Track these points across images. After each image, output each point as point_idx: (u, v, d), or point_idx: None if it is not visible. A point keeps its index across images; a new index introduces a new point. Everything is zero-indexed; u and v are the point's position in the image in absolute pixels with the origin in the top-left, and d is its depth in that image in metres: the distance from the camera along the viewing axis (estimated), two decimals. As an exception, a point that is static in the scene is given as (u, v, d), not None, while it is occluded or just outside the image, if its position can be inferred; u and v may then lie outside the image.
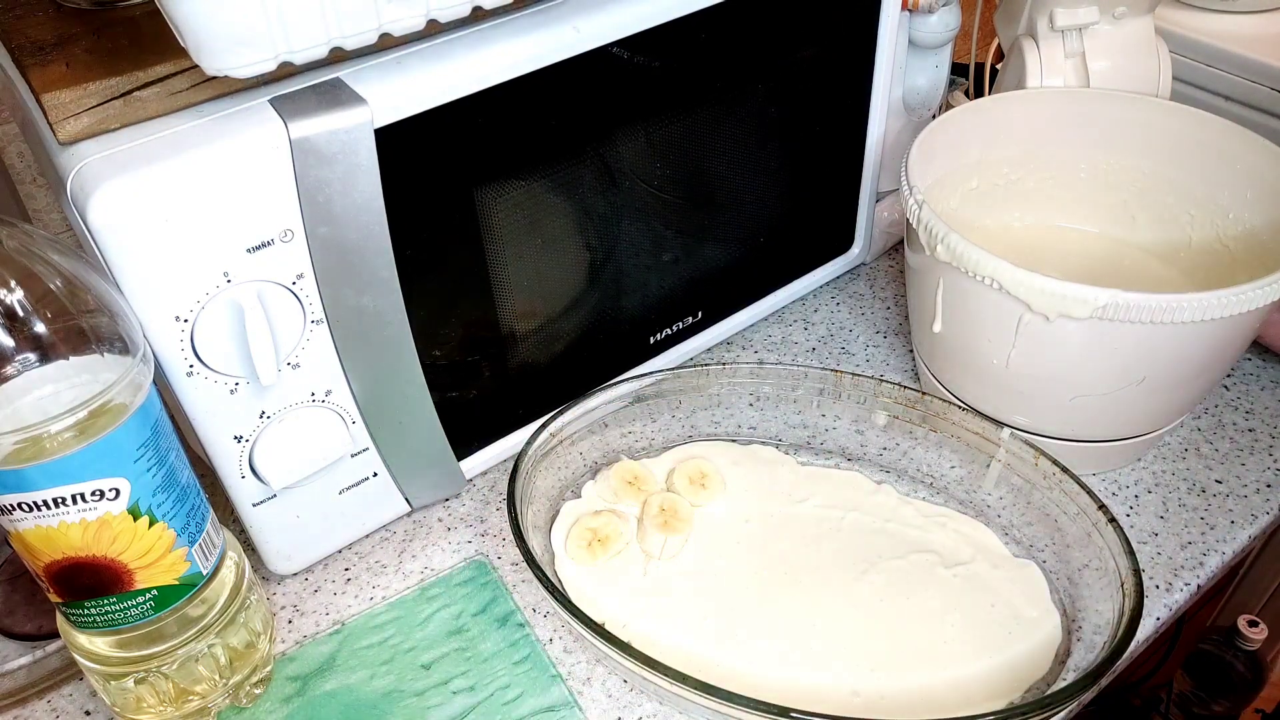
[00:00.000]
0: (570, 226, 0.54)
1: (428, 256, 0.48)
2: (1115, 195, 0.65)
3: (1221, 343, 0.50)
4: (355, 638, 0.52)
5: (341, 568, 0.56)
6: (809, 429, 0.60)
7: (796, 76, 0.59)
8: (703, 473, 0.57)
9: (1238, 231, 0.59)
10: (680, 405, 0.60)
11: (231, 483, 0.48)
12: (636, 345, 0.62)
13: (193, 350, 0.43)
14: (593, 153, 0.52)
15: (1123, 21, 0.67)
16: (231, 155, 0.40)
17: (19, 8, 0.46)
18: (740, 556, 0.54)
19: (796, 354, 0.69)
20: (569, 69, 0.47)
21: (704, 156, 0.58)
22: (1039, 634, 0.50)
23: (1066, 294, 0.47)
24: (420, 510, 0.59)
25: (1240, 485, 0.58)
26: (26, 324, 0.36)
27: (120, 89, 0.40)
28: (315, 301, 0.45)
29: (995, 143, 0.64)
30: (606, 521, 0.55)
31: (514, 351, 0.56)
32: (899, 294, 0.74)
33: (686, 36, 0.51)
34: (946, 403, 0.56)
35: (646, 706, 0.49)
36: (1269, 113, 0.67)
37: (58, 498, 0.38)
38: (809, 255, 0.70)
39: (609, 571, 0.53)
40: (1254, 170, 0.57)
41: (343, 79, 0.43)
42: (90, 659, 0.44)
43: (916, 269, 0.57)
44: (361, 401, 0.50)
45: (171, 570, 0.43)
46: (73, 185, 0.38)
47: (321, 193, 0.42)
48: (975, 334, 0.53)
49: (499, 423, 0.59)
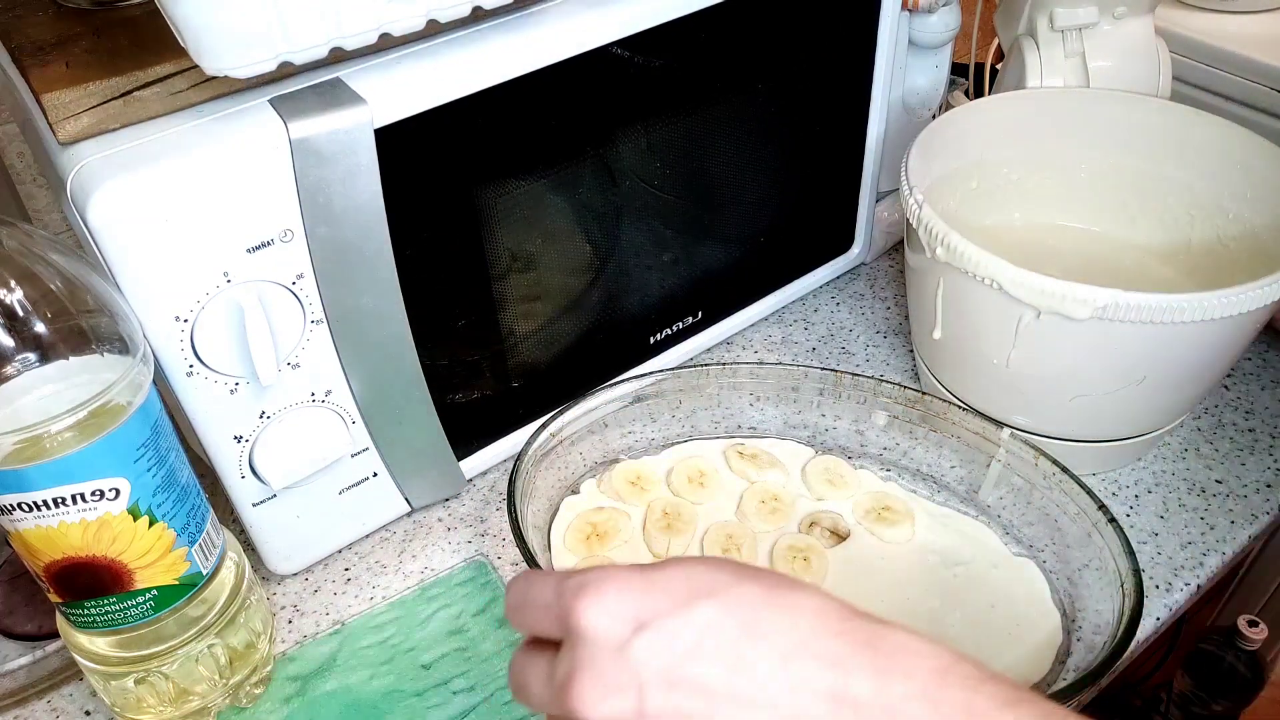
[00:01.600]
0: (570, 226, 0.54)
1: (428, 256, 0.48)
2: (1115, 195, 0.65)
3: (1221, 343, 0.50)
4: (355, 638, 0.52)
5: (341, 568, 0.56)
6: (809, 429, 0.60)
7: (796, 76, 0.59)
8: (701, 471, 0.57)
9: (1238, 231, 0.59)
10: (680, 405, 0.60)
11: (231, 483, 0.48)
12: (636, 345, 0.62)
13: (193, 350, 0.43)
14: (592, 153, 0.52)
15: (1123, 21, 0.67)
16: (231, 155, 0.40)
17: (19, 8, 0.46)
18: (741, 555, 0.54)
19: (796, 354, 0.69)
20: (569, 69, 0.47)
21: (704, 156, 0.58)
22: (1039, 634, 0.50)
23: (1067, 294, 0.47)
24: (420, 510, 0.59)
25: (1240, 485, 0.58)
26: (26, 324, 0.36)
27: (120, 89, 0.40)
28: (315, 301, 0.45)
29: (995, 143, 0.64)
30: (608, 518, 0.55)
31: (514, 351, 0.56)
32: (899, 294, 0.74)
33: (686, 36, 0.51)
34: (946, 403, 0.56)
35: (646, 706, 0.49)
36: (1269, 113, 0.67)
37: (58, 498, 0.38)
38: (809, 255, 0.70)
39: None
40: (1254, 170, 0.57)
41: (343, 79, 0.43)
42: (90, 659, 0.44)
43: (916, 269, 0.57)
44: (361, 401, 0.50)
45: (171, 570, 0.43)
46: (73, 185, 0.38)
47: (321, 193, 0.42)
48: (975, 334, 0.53)
49: (499, 423, 0.59)
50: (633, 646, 0.29)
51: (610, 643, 0.29)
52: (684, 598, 0.30)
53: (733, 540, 0.54)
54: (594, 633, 0.29)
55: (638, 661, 0.29)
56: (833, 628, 0.29)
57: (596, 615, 0.29)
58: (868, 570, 0.53)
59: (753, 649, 0.29)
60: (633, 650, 0.29)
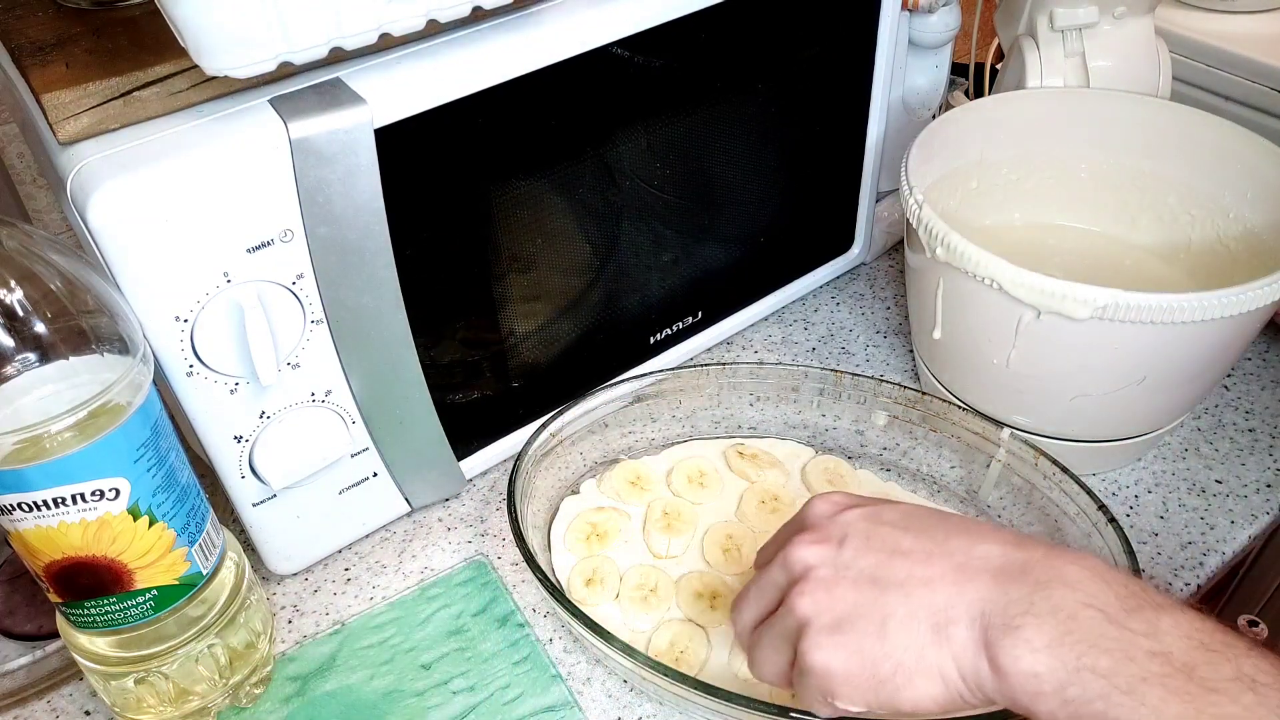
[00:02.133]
0: (570, 226, 0.54)
1: (428, 256, 0.48)
2: (1115, 195, 0.65)
3: (1221, 343, 0.50)
4: (355, 638, 0.52)
5: (341, 568, 0.56)
6: (809, 429, 0.60)
7: (797, 76, 0.59)
8: (701, 471, 0.57)
9: (1238, 231, 0.59)
10: (680, 405, 0.60)
11: (231, 483, 0.48)
12: (636, 345, 0.62)
13: (193, 350, 0.43)
14: (593, 153, 0.52)
15: (1123, 21, 0.67)
16: (231, 155, 0.40)
17: (19, 8, 0.46)
18: (741, 555, 0.54)
19: (796, 354, 0.69)
20: (569, 69, 0.47)
21: (704, 156, 0.58)
22: (1039, 634, 0.50)
23: (1067, 294, 0.47)
24: (420, 510, 0.59)
25: (1240, 485, 0.58)
26: (27, 324, 0.36)
27: (120, 89, 0.40)
28: (315, 301, 0.45)
29: (995, 143, 0.64)
30: (608, 518, 0.55)
31: (514, 351, 0.56)
32: (899, 294, 0.74)
33: (686, 36, 0.51)
34: (946, 403, 0.56)
35: (646, 707, 0.49)
36: (1269, 113, 0.67)
37: (58, 498, 0.38)
38: (809, 255, 0.70)
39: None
40: (1254, 170, 0.57)
41: (343, 79, 0.43)
42: (90, 659, 0.44)
43: (916, 269, 0.57)
44: (361, 401, 0.50)
45: (171, 570, 0.43)
46: (73, 185, 0.38)
47: (321, 193, 0.42)
48: (975, 334, 0.53)
49: (499, 423, 0.59)
50: (845, 513, 0.39)
51: (828, 512, 0.40)
52: (894, 504, 0.40)
53: (733, 540, 0.54)
54: (816, 507, 0.40)
55: (845, 522, 0.39)
56: (1014, 531, 0.38)
57: (819, 501, 0.41)
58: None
59: (942, 527, 0.38)
60: (844, 515, 0.39)
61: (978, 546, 0.36)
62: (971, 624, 0.34)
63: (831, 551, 0.38)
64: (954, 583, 0.35)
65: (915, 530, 0.37)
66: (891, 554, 0.37)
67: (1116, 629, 0.32)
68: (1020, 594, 0.34)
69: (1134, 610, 0.32)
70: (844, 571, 0.37)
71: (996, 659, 0.33)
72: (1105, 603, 0.33)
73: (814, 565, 0.38)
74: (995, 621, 0.34)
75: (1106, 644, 0.32)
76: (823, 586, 0.37)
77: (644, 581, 0.52)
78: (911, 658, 0.35)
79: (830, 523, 0.39)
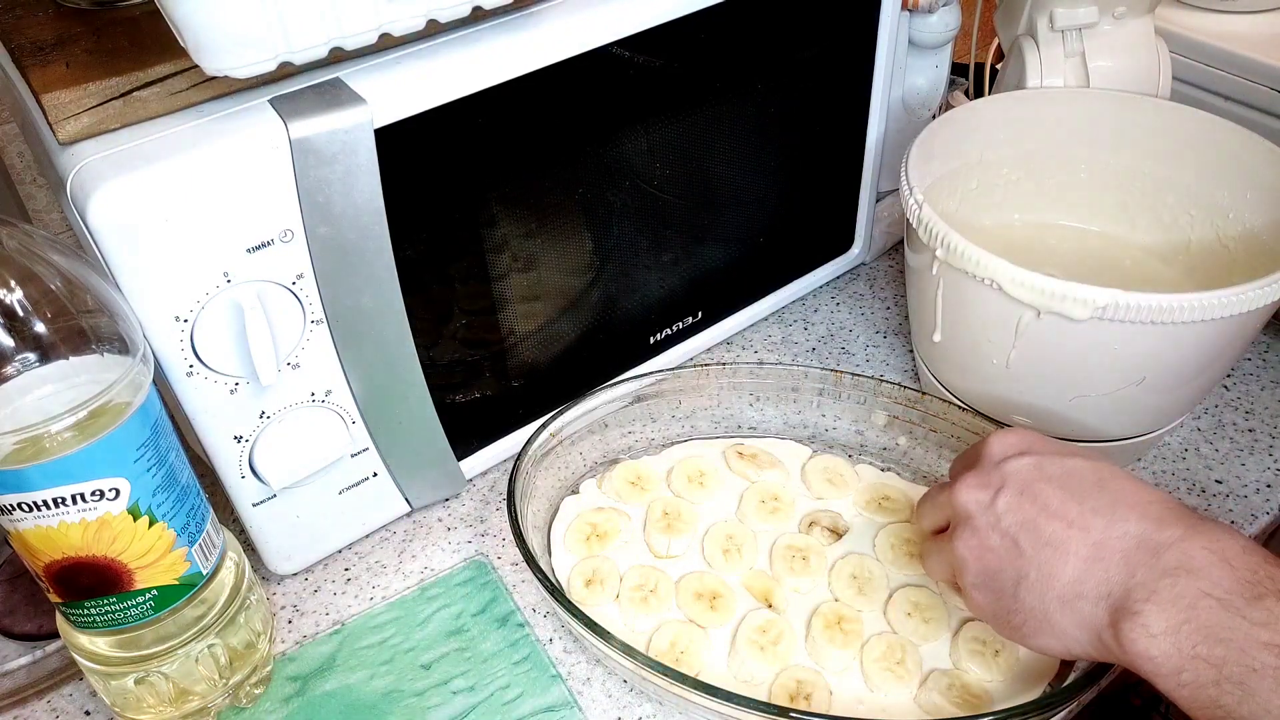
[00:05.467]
0: (570, 226, 0.54)
1: (428, 256, 0.48)
2: (1115, 195, 0.65)
3: (1221, 343, 0.50)
4: (355, 638, 0.52)
5: (341, 568, 0.56)
6: (809, 429, 0.60)
7: (796, 76, 0.59)
8: (701, 471, 0.57)
9: (1238, 231, 0.59)
10: (680, 405, 0.60)
11: (231, 483, 0.48)
12: (636, 345, 0.62)
13: (193, 350, 0.43)
14: (592, 153, 0.52)
15: (1123, 21, 0.67)
16: (231, 155, 0.40)
17: (19, 8, 0.46)
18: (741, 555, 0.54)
19: (796, 354, 0.69)
20: (569, 69, 0.47)
21: (704, 157, 0.58)
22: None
23: (1067, 294, 0.47)
24: (420, 510, 0.59)
25: (1240, 485, 0.58)
26: (26, 324, 0.36)
27: (120, 89, 0.40)
28: (315, 301, 0.45)
29: (995, 143, 0.64)
30: (608, 518, 0.55)
31: (514, 351, 0.56)
32: (899, 294, 0.74)
33: (686, 36, 0.51)
34: (946, 403, 0.56)
35: (646, 707, 0.49)
36: (1269, 113, 0.67)
37: (58, 498, 0.38)
38: (809, 255, 0.70)
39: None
40: (1254, 170, 0.57)
41: (343, 79, 0.43)
42: (90, 659, 0.44)
43: (916, 269, 0.57)
44: (361, 401, 0.50)
45: (171, 570, 0.43)
46: (73, 185, 0.38)
47: (321, 193, 0.42)
48: (975, 334, 0.53)
49: (499, 423, 0.59)
50: (1010, 462, 0.42)
51: (997, 455, 0.43)
52: (1066, 452, 0.42)
53: (733, 540, 0.54)
54: (991, 446, 0.43)
55: (1008, 472, 0.41)
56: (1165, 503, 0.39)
57: (995, 441, 0.43)
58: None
59: (1095, 494, 0.39)
60: (1008, 464, 0.42)
61: (1117, 525, 0.38)
62: (1097, 602, 0.38)
63: (988, 498, 0.41)
64: (1086, 560, 0.38)
65: (1069, 491, 0.40)
66: (1038, 514, 0.40)
67: (1234, 618, 0.34)
68: (1145, 578, 0.36)
69: (1256, 599, 0.34)
70: (995, 524, 0.41)
71: (1118, 636, 0.36)
72: (1227, 589, 0.34)
73: (973, 514, 0.42)
74: (1119, 604, 0.37)
75: (1222, 633, 0.34)
76: (976, 535, 0.41)
77: (644, 582, 0.52)
78: (1037, 618, 0.40)
79: (995, 469, 0.42)
